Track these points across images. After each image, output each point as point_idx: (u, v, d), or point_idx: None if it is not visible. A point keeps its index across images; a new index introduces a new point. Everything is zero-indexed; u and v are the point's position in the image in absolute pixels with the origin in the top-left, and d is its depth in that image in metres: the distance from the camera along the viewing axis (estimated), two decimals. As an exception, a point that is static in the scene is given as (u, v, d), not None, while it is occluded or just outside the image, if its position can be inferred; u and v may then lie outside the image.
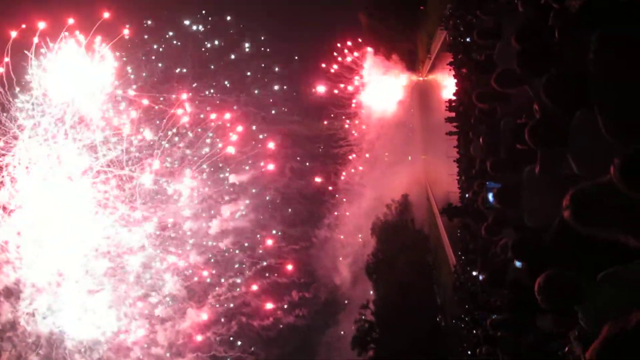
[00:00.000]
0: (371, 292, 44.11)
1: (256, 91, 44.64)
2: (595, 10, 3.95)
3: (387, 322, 40.58)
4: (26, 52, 36.77)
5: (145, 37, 42.61)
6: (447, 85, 33.35)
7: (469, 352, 21.19)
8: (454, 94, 28.17)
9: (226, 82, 44.33)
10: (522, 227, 6.53)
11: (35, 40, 36.71)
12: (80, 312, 38.84)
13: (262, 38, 45.14)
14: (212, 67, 44.27)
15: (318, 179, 45.44)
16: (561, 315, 4.96)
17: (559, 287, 3.91)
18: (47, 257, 37.70)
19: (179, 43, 44.22)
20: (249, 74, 44.87)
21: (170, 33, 43.87)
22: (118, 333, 40.67)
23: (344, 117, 45.50)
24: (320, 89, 44.66)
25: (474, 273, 18.99)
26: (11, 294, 37.50)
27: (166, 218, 41.38)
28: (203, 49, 44.83)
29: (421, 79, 45.11)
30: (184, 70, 43.37)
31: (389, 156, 44.92)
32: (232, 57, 44.90)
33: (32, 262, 37.31)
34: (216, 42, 44.84)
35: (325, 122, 45.75)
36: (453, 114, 29.76)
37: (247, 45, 45.04)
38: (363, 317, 42.86)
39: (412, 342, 36.90)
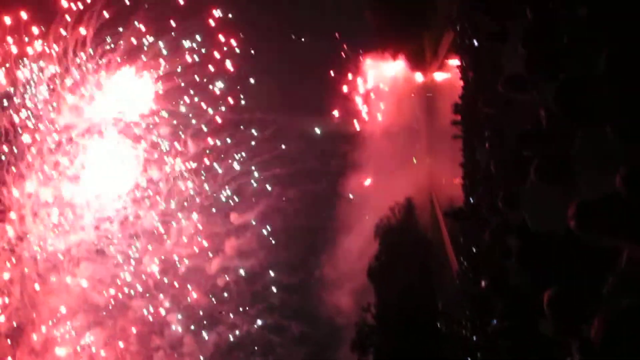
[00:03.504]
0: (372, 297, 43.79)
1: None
2: (603, 16, 3.90)
3: (387, 326, 40.37)
4: None
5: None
6: (454, 87, 33.20)
7: (468, 359, 21.09)
8: (460, 97, 28.02)
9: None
10: (526, 233, 6.47)
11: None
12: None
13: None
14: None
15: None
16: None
17: (568, 306, 3.82)
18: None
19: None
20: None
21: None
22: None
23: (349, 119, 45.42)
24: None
25: (476, 278, 18.86)
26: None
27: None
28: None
29: (428, 80, 44.92)
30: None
31: (394, 159, 44.66)
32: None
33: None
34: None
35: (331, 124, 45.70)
36: (459, 117, 29.62)
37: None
38: (363, 321, 42.60)
39: (412, 346, 36.72)
